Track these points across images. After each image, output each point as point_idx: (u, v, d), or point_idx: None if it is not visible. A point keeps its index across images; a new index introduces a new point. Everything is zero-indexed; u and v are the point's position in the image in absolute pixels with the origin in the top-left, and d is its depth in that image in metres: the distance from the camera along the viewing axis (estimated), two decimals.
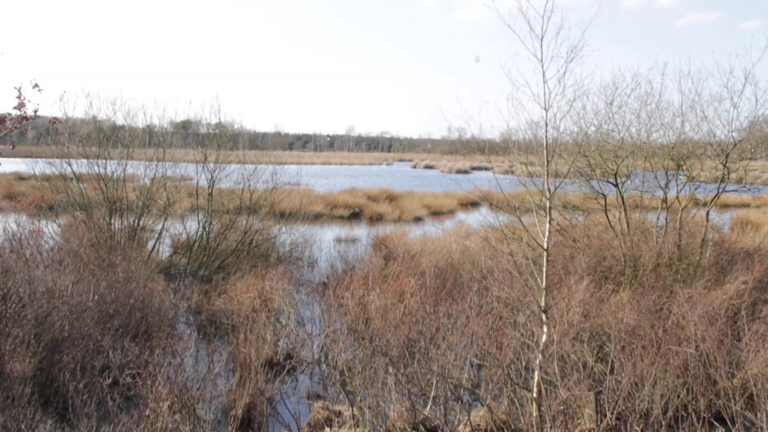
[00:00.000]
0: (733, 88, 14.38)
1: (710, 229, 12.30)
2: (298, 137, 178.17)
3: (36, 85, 7.62)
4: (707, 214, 12.20)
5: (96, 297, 8.30)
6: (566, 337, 7.40)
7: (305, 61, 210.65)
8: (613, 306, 8.77)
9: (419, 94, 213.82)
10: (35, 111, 7.76)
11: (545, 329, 6.29)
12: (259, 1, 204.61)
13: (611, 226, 12.76)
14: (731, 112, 12.22)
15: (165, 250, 15.04)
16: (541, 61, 6.03)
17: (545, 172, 6.37)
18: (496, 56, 6.45)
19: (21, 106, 7.62)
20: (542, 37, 6.01)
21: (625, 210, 12.99)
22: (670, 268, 10.92)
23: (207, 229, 14.65)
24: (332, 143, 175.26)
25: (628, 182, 13.70)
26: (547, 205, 6.36)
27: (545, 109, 6.15)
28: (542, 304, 6.28)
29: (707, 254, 11.58)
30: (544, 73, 6.02)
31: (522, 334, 7.49)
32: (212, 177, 15.02)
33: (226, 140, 15.71)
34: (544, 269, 6.25)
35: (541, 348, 6.26)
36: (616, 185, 13.14)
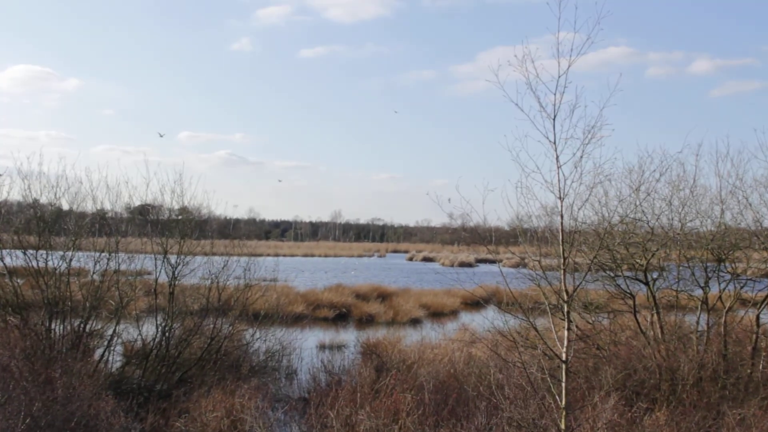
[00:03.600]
0: None
1: (762, 335, 12.20)
2: (276, 224, 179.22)
3: None
4: (757, 316, 12.13)
5: (28, 421, 8.06)
6: None
7: (285, 140, 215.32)
8: (647, 429, 8.59)
9: (414, 174, 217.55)
10: None
11: None
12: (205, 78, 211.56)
13: (642, 330, 12.68)
14: None
15: (116, 360, 14.77)
16: (554, 143, 6.21)
17: (562, 269, 6.42)
18: (502, 138, 6.58)
19: None
20: (555, 117, 6.22)
21: (657, 311, 12.96)
22: (716, 383, 10.76)
23: (167, 334, 14.45)
24: (315, 231, 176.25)
25: (661, 279, 13.74)
26: (565, 307, 6.36)
27: (560, 198, 6.27)
28: (562, 426, 6.17)
29: (760, 366, 11.42)
30: (557, 157, 6.19)
31: None
32: (174, 272, 14.98)
33: (191, 228, 15.79)
34: (563, 384, 6.18)
35: None
36: (646, 282, 13.17)
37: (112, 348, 14.27)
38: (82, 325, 13.62)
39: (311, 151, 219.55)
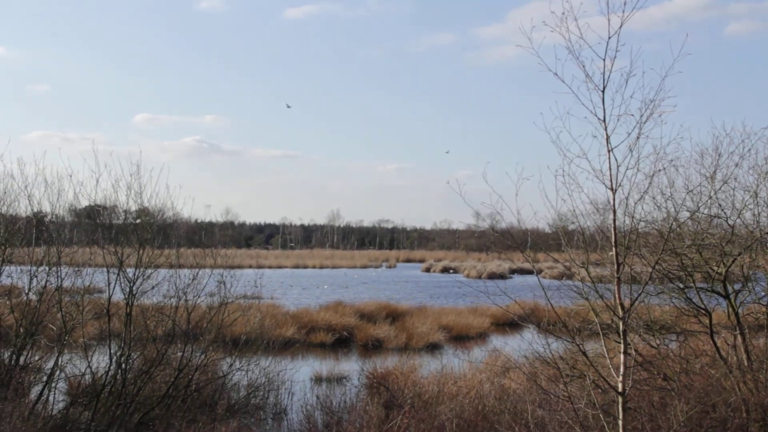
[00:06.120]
0: None
1: None
2: (259, 229, 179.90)
3: None
4: None
5: None
6: None
7: (273, 125, 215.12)
8: None
9: (429, 164, 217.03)
10: None
11: None
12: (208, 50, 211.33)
13: (722, 356, 12.60)
14: None
15: (59, 400, 14.80)
16: (604, 121, 6.18)
17: (615, 278, 6.39)
18: (538, 116, 6.51)
19: None
20: (604, 88, 6.18)
21: (741, 332, 12.86)
22: None
23: (123, 366, 14.48)
24: (309, 237, 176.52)
25: (745, 291, 13.64)
26: (621, 326, 6.34)
27: (612, 189, 6.25)
28: None
29: None
30: (608, 138, 6.15)
31: None
32: (132, 288, 15.00)
33: (153, 234, 15.80)
34: (620, 423, 6.16)
35: None
36: (726, 296, 13.09)
37: (53, 385, 14.29)
38: (13, 357, 13.64)
39: (301, 136, 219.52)
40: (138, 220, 16.51)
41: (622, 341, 6.33)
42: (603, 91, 6.10)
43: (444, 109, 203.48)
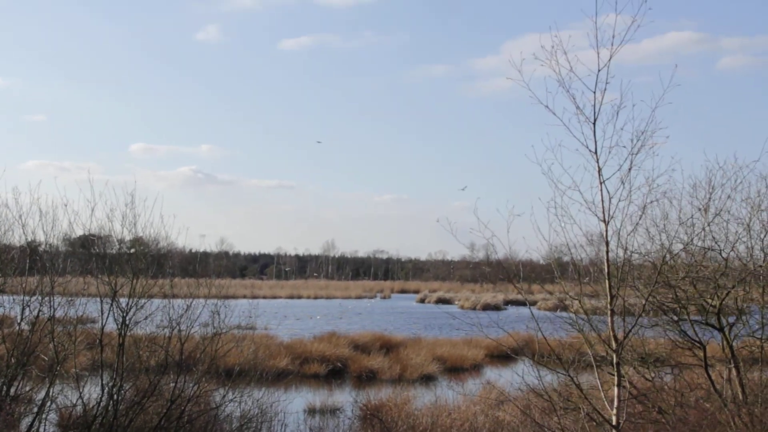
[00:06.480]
0: None
1: None
2: (254, 258, 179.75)
3: None
4: None
5: None
6: None
7: (266, 154, 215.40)
8: None
9: (424, 195, 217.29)
10: None
11: None
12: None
13: (716, 390, 12.55)
14: None
15: (49, 431, 14.68)
16: (595, 153, 6.20)
17: (609, 311, 6.39)
18: (530, 148, 6.54)
19: None
20: (595, 120, 6.21)
21: (736, 366, 12.82)
22: None
23: (115, 396, 14.37)
24: (303, 267, 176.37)
25: (739, 324, 13.61)
26: (614, 358, 6.32)
27: (605, 221, 6.25)
28: None
29: None
30: (600, 170, 6.17)
31: None
32: (125, 318, 14.92)
33: (147, 264, 15.76)
34: None
35: None
36: (720, 329, 13.06)
37: (44, 416, 14.18)
38: (4, 388, 13.55)
39: (296, 167, 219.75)
40: (132, 250, 16.47)
41: (616, 373, 6.31)
42: (594, 123, 6.13)
43: (441, 139, 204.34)
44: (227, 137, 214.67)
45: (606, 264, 6.35)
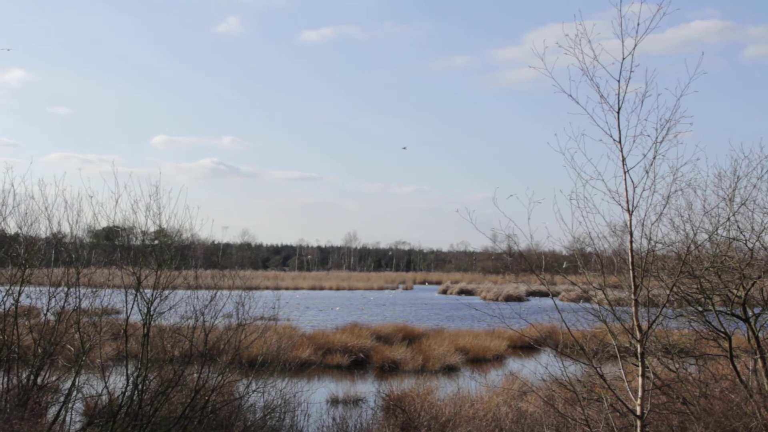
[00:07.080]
0: None
1: None
2: (276, 250, 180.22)
3: None
4: None
5: None
6: None
7: (290, 146, 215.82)
8: None
9: (445, 186, 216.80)
10: None
11: None
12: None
13: (742, 380, 12.48)
14: None
15: (75, 421, 14.79)
16: (619, 142, 6.15)
17: (633, 301, 6.35)
18: (551, 139, 6.53)
19: None
20: (619, 109, 6.16)
21: (762, 356, 12.73)
22: None
23: (140, 386, 14.46)
24: (325, 259, 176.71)
25: (765, 314, 13.51)
26: (639, 349, 6.29)
27: (629, 210, 6.21)
28: None
29: None
30: (624, 159, 6.12)
31: None
32: (149, 309, 15.00)
33: (171, 255, 15.82)
34: None
35: None
36: (745, 319, 12.97)
37: (70, 405, 14.26)
38: (31, 377, 13.65)
39: (317, 158, 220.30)
40: (156, 242, 16.53)
41: (640, 364, 6.27)
42: (618, 112, 6.08)
43: (462, 130, 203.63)
44: (249, 129, 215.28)
45: (630, 254, 6.32)
